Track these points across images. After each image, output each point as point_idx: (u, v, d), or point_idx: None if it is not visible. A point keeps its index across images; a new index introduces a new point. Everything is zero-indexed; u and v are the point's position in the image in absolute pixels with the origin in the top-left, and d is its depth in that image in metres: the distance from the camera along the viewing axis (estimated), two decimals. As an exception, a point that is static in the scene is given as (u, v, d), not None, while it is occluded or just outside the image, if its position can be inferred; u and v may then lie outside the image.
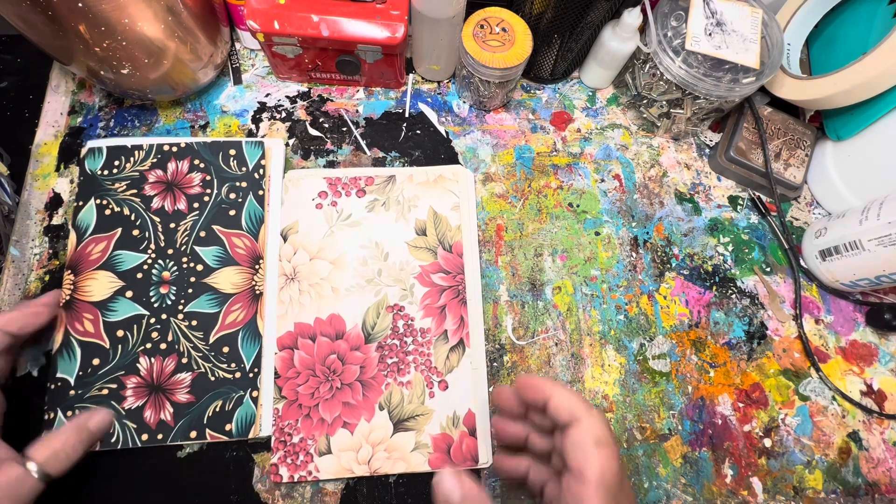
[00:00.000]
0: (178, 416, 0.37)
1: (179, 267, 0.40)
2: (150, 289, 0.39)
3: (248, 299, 0.40)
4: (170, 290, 0.39)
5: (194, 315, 0.39)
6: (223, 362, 0.38)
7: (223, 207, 0.42)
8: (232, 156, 0.43)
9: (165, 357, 0.38)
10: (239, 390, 0.38)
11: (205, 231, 0.41)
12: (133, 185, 0.41)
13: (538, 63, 0.50)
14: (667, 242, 0.47)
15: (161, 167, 0.42)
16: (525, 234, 0.46)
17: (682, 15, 0.45)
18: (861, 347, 0.45)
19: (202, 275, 0.40)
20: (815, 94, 0.45)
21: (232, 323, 0.39)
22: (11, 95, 0.47)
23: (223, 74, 0.49)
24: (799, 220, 0.50)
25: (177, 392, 0.38)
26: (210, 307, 0.39)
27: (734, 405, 0.42)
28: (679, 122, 0.49)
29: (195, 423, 0.37)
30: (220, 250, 0.41)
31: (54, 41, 0.37)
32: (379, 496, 0.37)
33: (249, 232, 0.42)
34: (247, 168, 0.43)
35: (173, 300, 0.39)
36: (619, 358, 0.43)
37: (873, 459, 0.42)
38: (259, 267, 0.41)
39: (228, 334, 0.39)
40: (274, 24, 0.42)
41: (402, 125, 0.49)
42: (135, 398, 0.37)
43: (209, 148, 0.43)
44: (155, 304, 0.39)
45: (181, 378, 0.38)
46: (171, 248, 0.40)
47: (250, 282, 0.40)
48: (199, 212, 0.41)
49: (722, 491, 0.40)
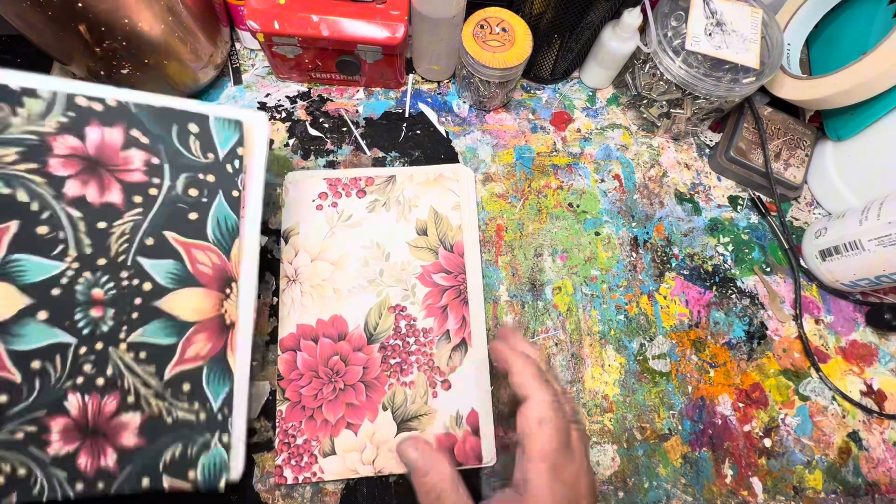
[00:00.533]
0: (123, 462, 0.30)
1: (117, 284, 0.30)
2: (76, 310, 0.30)
3: (215, 329, 0.32)
4: (105, 312, 0.30)
5: (143, 346, 0.31)
6: (182, 401, 0.31)
7: (180, 207, 0.31)
8: (193, 133, 0.31)
9: (104, 395, 0.30)
10: (205, 433, 0.32)
11: (152, 238, 0.31)
12: (29, 157, 0.28)
13: (538, 63, 0.50)
14: (667, 242, 0.47)
15: (76, 132, 0.29)
16: (525, 234, 0.46)
17: (682, 15, 0.45)
18: (861, 347, 0.45)
19: (151, 296, 0.31)
20: (815, 94, 0.45)
21: (194, 357, 0.32)
22: (11, 95, 0.47)
23: (223, 74, 0.49)
24: (799, 220, 0.50)
25: (122, 436, 0.30)
26: (164, 337, 0.31)
27: (734, 405, 0.42)
28: (679, 122, 0.49)
29: (148, 468, 0.30)
30: (176, 265, 0.31)
31: (54, 41, 0.37)
32: (379, 496, 0.37)
33: (218, 245, 0.32)
34: (215, 155, 0.32)
35: (111, 326, 0.30)
36: (619, 358, 0.43)
37: (873, 459, 0.42)
38: (230, 291, 0.33)
39: (189, 370, 0.32)
40: (274, 24, 0.42)
41: (402, 125, 0.49)
42: (63, 443, 0.29)
43: (157, 115, 0.31)
44: (84, 331, 0.30)
45: (125, 419, 0.30)
46: (103, 256, 0.30)
47: (218, 309, 0.32)
48: (142, 209, 0.30)
49: (722, 491, 0.40)
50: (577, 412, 0.34)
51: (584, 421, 0.41)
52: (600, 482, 0.39)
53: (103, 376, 0.30)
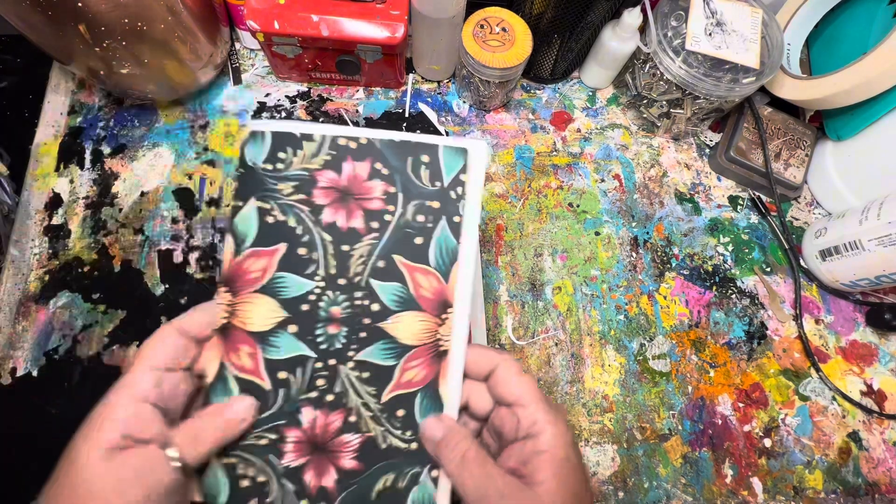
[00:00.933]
0: (341, 486, 0.30)
1: (352, 303, 0.32)
2: (317, 326, 0.31)
3: (429, 356, 0.32)
4: (340, 330, 0.31)
5: (367, 366, 0.31)
6: (397, 428, 0.31)
7: (408, 233, 0.33)
8: (424, 163, 0.33)
9: (332, 411, 0.31)
10: (415, 465, 0.31)
11: (384, 261, 0.32)
12: (301, 189, 0.32)
13: (538, 63, 0.50)
14: (667, 242, 0.47)
15: (335, 167, 0.33)
16: (525, 234, 0.46)
17: (682, 15, 0.45)
18: (861, 347, 0.45)
19: (378, 317, 0.32)
20: (815, 94, 0.45)
21: (409, 382, 0.32)
22: (11, 95, 0.47)
23: (223, 74, 0.49)
24: (799, 220, 0.50)
25: (342, 456, 0.31)
26: (385, 359, 0.32)
27: (734, 405, 0.42)
28: (679, 122, 0.49)
29: (362, 497, 0.30)
30: (400, 288, 0.32)
31: (54, 41, 0.37)
32: (379, 496, 0.37)
33: (438, 269, 0.33)
34: (441, 183, 0.33)
35: (343, 343, 0.31)
36: (619, 358, 0.43)
37: (873, 459, 0.42)
38: (446, 317, 0.32)
39: (404, 395, 0.31)
40: (274, 24, 0.42)
41: (402, 125, 0.49)
42: (294, 455, 0.30)
43: (396, 148, 0.33)
44: (322, 346, 0.31)
45: (347, 440, 0.31)
46: (343, 277, 0.32)
47: (434, 334, 0.32)
48: (378, 234, 0.32)
49: (722, 491, 0.40)
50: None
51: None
52: (600, 482, 0.39)
53: (332, 392, 0.31)
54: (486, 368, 0.31)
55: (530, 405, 0.28)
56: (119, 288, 0.41)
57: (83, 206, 0.43)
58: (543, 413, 0.28)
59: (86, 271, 0.41)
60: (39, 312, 0.40)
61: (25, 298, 0.40)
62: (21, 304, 0.40)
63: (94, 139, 0.46)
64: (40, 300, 0.40)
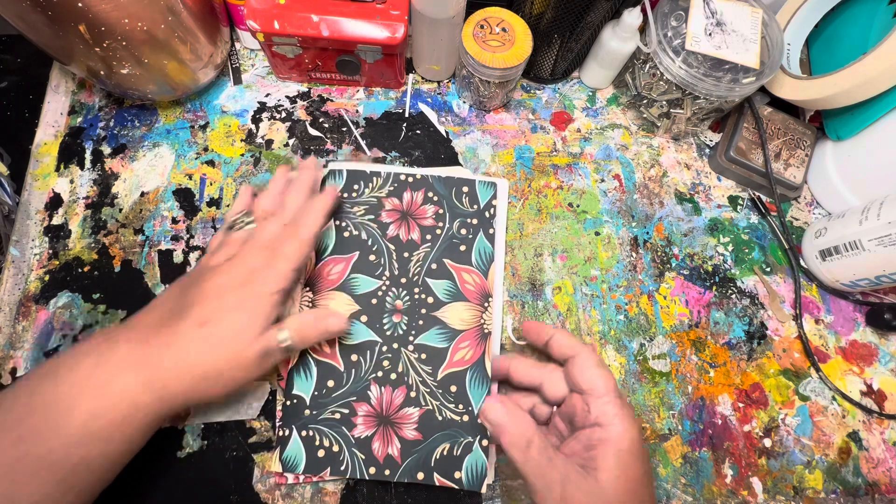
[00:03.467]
0: (405, 454, 0.36)
1: (412, 297, 0.40)
2: (384, 316, 0.39)
3: (476, 338, 0.39)
4: (402, 319, 0.39)
5: (424, 348, 0.38)
6: (450, 402, 0.37)
7: (454, 242, 0.42)
8: (465, 192, 0.43)
9: (395, 388, 0.37)
10: (467, 436, 0.36)
11: (436, 264, 0.41)
12: (371, 211, 0.42)
13: (538, 63, 0.50)
14: (667, 242, 0.47)
15: (397, 196, 0.43)
16: (525, 234, 0.46)
17: (682, 15, 0.45)
18: (861, 347, 0.45)
19: (432, 307, 0.40)
20: (815, 94, 0.45)
21: (460, 361, 0.38)
22: (11, 95, 0.47)
23: (223, 74, 0.49)
24: (799, 220, 0.50)
25: (404, 427, 0.36)
26: (439, 341, 0.39)
27: (734, 405, 0.42)
28: (679, 122, 0.49)
29: (423, 463, 0.35)
30: (450, 284, 0.40)
31: (54, 41, 0.37)
32: (379, 496, 0.37)
33: (479, 269, 0.41)
34: (478, 206, 0.43)
35: (405, 330, 0.39)
36: (619, 358, 0.43)
37: (873, 459, 0.42)
38: (488, 305, 0.40)
39: (456, 372, 0.38)
40: (274, 24, 0.42)
41: (402, 125, 0.49)
42: (364, 427, 0.36)
43: (443, 182, 0.44)
44: (387, 332, 0.38)
45: (409, 413, 0.37)
46: (405, 277, 0.40)
47: (479, 320, 0.40)
48: (431, 244, 0.41)
49: (722, 491, 0.40)
50: None
51: None
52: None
53: (395, 371, 0.38)
54: (567, 353, 0.33)
55: (603, 396, 0.30)
56: (119, 288, 0.41)
57: (83, 206, 0.43)
58: (614, 406, 0.30)
59: (86, 271, 0.41)
60: (39, 312, 0.40)
61: (25, 298, 0.40)
62: (21, 304, 0.40)
63: (95, 139, 0.46)
64: (40, 300, 0.40)
